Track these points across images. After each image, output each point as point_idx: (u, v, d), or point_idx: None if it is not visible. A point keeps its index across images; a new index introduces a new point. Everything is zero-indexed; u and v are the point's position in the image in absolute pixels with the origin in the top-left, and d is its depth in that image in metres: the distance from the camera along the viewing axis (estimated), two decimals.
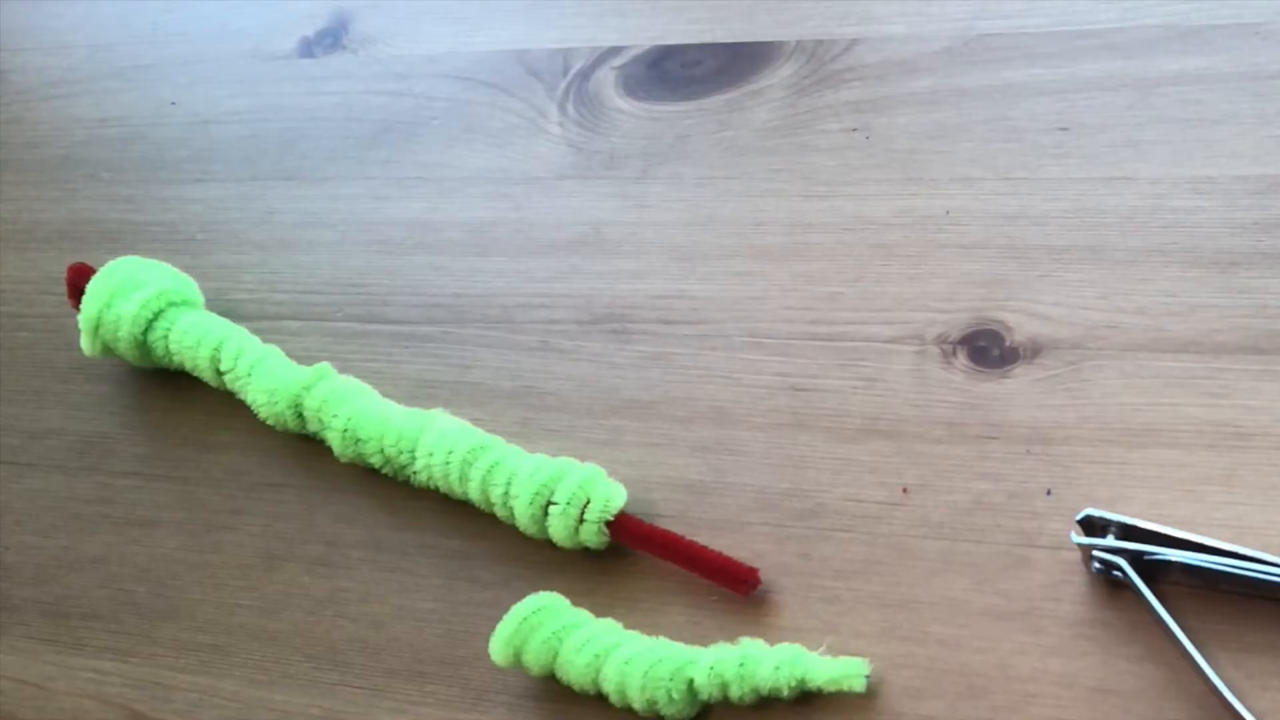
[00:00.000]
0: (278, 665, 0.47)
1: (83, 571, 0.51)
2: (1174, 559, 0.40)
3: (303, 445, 0.51)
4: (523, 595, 0.44)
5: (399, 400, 0.51)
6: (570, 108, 0.59)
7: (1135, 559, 0.40)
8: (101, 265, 0.54)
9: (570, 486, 0.45)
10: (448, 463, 0.47)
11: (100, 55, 0.70)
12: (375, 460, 0.49)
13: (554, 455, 0.47)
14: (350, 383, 0.50)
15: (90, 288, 0.53)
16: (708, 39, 0.60)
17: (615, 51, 0.60)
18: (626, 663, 0.42)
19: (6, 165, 0.66)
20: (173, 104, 0.66)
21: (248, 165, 0.62)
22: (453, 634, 0.46)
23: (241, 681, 0.46)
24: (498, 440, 0.48)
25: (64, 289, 0.56)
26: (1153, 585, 0.40)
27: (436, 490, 0.48)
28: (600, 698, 0.43)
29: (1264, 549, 0.39)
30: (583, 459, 0.47)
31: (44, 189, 0.64)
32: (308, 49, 0.66)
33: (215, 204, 0.61)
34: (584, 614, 0.44)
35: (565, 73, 0.60)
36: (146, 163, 0.63)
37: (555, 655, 0.43)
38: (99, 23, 0.72)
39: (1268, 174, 0.48)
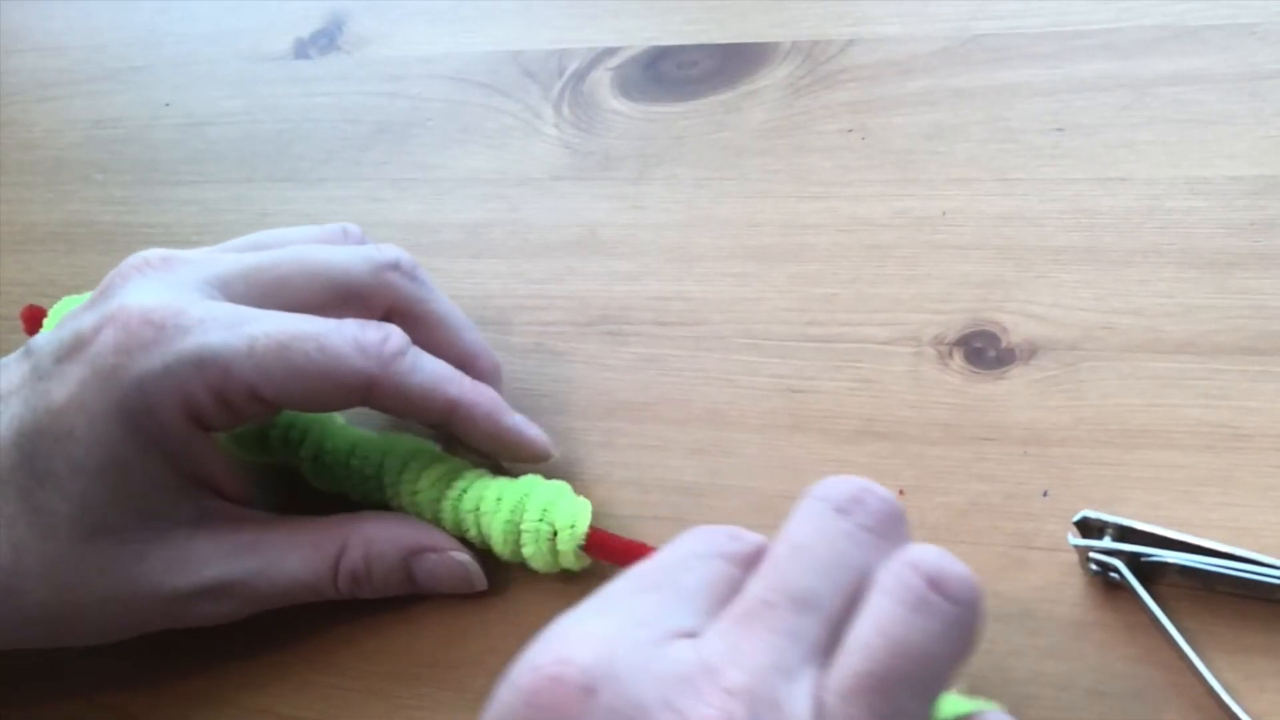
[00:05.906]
0: (273, 668, 0.46)
1: None
2: (1171, 560, 0.40)
3: None
4: (520, 597, 0.44)
5: None
6: (566, 109, 0.59)
7: (1132, 560, 0.40)
8: (90, 273, 0.54)
9: (533, 521, 0.43)
10: (416, 500, 0.45)
11: (95, 57, 0.69)
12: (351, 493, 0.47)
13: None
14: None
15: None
16: (703, 40, 0.59)
17: (611, 52, 0.60)
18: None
19: (1, 167, 0.66)
20: (167, 105, 0.66)
21: (243, 167, 0.62)
22: (449, 637, 0.46)
23: (237, 684, 0.46)
24: (460, 464, 0.46)
25: (62, 290, 0.55)
26: (1150, 587, 0.40)
27: None
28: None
29: (1261, 550, 0.39)
30: (578, 461, 0.47)
31: (38, 191, 0.64)
32: (303, 50, 0.66)
33: (210, 205, 0.60)
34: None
35: (560, 73, 0.60)
36: (141, 164, 0.63)
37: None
38: (93, 24, 0.72)
39: (1264, 174, 0.48)
